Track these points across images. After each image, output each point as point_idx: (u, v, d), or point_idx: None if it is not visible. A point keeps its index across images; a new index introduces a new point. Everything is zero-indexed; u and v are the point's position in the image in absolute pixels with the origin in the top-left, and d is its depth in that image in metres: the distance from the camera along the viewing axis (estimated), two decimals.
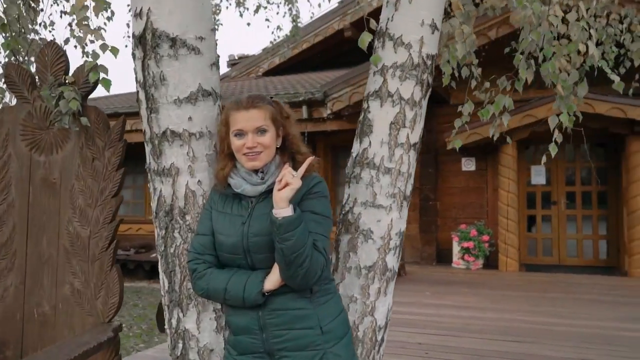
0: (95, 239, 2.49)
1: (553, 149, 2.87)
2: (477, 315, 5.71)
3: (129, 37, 5.77)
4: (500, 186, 8.91)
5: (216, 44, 2.04)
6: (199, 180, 1.95)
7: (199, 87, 1.94)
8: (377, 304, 2.11)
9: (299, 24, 7.03)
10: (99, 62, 2.25)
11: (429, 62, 2.18)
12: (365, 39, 2.27)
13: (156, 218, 2.01)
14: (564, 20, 2.54)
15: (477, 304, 6.30)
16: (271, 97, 1.86)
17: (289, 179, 1.62)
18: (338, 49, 12.79)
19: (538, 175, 9.43)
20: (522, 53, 2.42)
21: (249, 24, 7.23)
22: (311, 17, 12.41)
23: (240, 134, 1.76)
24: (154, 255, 10.59)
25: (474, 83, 2.87)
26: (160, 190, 1.98)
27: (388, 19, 2.19)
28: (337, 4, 12.47)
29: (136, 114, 2.27)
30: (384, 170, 2.14)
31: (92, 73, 2.26)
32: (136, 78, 1.98)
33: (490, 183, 9.81)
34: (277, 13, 7.37)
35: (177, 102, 1.92)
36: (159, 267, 2.07)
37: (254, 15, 6.98)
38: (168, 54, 1.90)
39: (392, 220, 2.14)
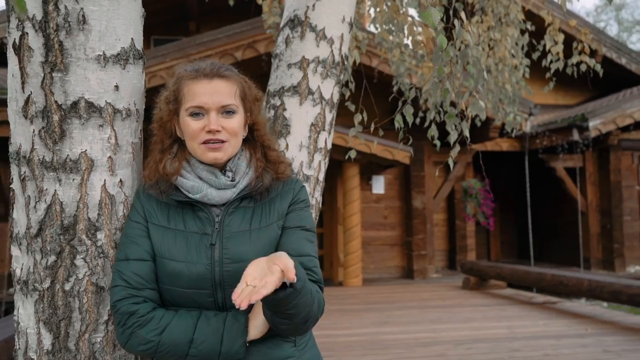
0: None
1: None
2: None
3: None
4: None
5: None
6: (120, 180, 1.33)
7: (131, 44, 1.32)
8: None
9: None
10: None
11: (345, 62, 2.05)
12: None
13: (37, 238, 1.27)
14: None
15: None
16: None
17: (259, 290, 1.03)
18: None
19: None
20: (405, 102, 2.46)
21: None
22: None
23: (198, 112, 1.25)
24: None
25: None
26: (55, 194, 1.26)
27: (308, 7, 1.97)
28: None
29: None
30: (303, 178, 1.90)
31: None
32: (17, 13, 1.21)
33: None
34: None
35: (102, 61, 1.27)
36: (23, 315, 1.31)
37: None
38: None
39: None
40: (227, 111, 1.26)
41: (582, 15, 30.35)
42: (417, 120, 3.41)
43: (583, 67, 3.22)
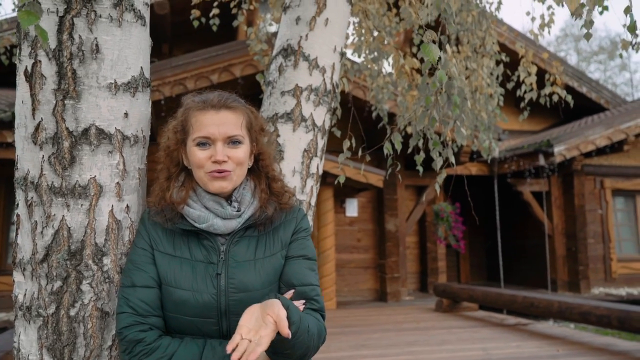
0: None
1: None
2: None
3: None
4: None
5: None
6: (127, 206, 1.35)
7: (141, 72, 1.36)
8: None
9: None
10: None
11: (336, 90, 2.12)
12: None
13: (42, 263, 1.27)
14: None
15: None
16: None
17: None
18: None
19: None
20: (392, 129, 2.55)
21: None
22: None
23: (205, 142, 1.28)
24: None
25: None
26: (63, 220, 1.27)
27: (301, 37, 2.04)
28: None
29: None
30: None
31: None
32: (40, 42, 1.24)
33: None
34: None
35: (113, 89, 1.29)
36: (24, 342, 1.30)
37: None
38: (110, 15, 1.27)
39: None
40: (233, 141, 1.30)
41: (543, 44, 31.58)
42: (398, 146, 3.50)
43: (555, 98, 3.40)
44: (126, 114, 1.32)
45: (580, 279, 10.44)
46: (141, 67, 1.36)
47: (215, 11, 3.61)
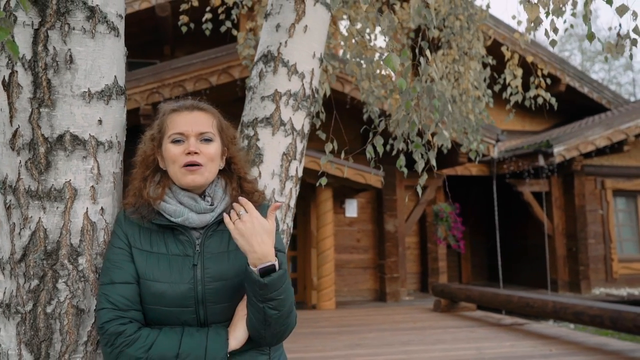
0: None
1: None
2: None
3: None
4: None
5: None
6: (101, 208, 1.41)
7: (114, 81, 1.42)
8: None
9: None
10: None
11: (315, 95, 2.18)
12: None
13: (20, 263, 1.34)
14: None
15: None
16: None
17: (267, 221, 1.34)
18: None
19: None
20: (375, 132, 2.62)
21: None
22: None
23: (180, 139, 1.38)
24: None
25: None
26: (39, 221, 1.33)
27: (280, 43, 2.10)
28: None
29: None
30: None
31: None
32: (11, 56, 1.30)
33: None
34: None
35: (87, 97, 1.36)
36: (4, 338, 1.37)
37: None
38: (83, 27, 1.34)
39: None
40: (205, 139, 1.39)
41: (546, 44, 31.51)
42: (388, 147, 3.56)
43: (540, 100, 3.44)
44: (100, 121, 1.38)
45: (581, 279, 10.45)
46: (115, 76, 1.42)
47: (207, 16, 3.68)
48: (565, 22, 2.49)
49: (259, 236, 1.28)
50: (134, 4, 9.50)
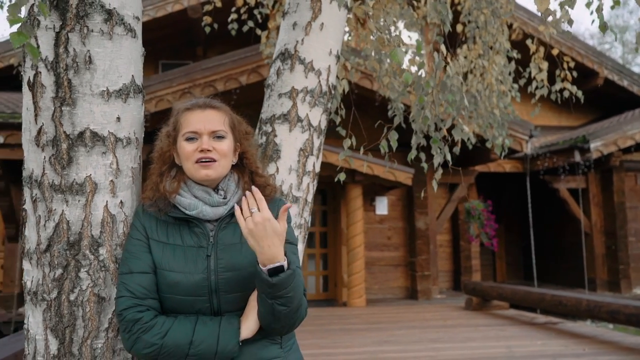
0: None
1: None
2: None
3: None
4: None
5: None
6: (121, 201, 1.48)
7: (132, 80, 1.49)
8: None
9: None
10: None
11: (332, 92, 2.21)
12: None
13: (45, 253, 1.42)
14: None
15: None
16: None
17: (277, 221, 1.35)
18: None
19: None
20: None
21: None
22: None
23: (193, 137, 1.44)
24: None
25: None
26: (62, 214, 1.41)
27: (297, 41, 2.14)
28: None
29: None
30: (292, 199, 2.05)
31: None
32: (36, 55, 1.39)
33: None
34: None
35: (105, 95, 1.43)
36: (32, 323, 1.46)
37: None
38: (101, 29, 1.41)
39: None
40: (217, 136, 1.45)
41: (586, 37, 30.62)
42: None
43: (566, 94, 3.38)
44: (118, 118, 1.45)
45: (621, 279, 10.14)
46: (132, 75, 1.49)
47: (233, 16, 3.75)
48: (591, 13, 2.45)
49: (269, 239, 1.30)
50: (166, 7, 9.73)
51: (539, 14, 2.94)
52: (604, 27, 1.58)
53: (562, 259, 11.51)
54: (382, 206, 9.60)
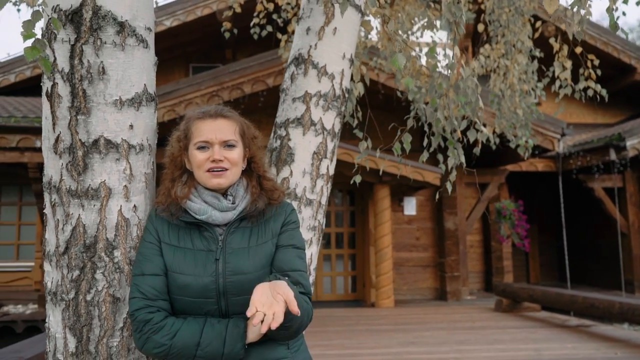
0: None
1: None
2: None
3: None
4: None
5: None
6: (134, 206, 1.54)
7: (144, 89, 1.55)
8: None
9: None
10: None
11: (346, 95, 2.23)
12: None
13: (64, 255, 1.49)
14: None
15: None
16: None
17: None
18: None
19: None
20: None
21: None
22: None
23: (205, 146, 1.48)
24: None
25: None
26: (79, 218, 1.48)
27: (310, 46, 2.17)
28: None
29: None
30: (306, 202, 2.08)
31: None
32: (52, 68, 1.46)
33: None
34: None
35: (118, 104, 1.49)
36: (52, 322, 1.53)
37: None
38: (113, 41, 1.47)
39: (312, 254, 2.08)
40: (228, 145, 1.49)
41: (620, 33, 29.58)
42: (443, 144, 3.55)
43: (590, 93, 3.31)
44: (131, 126, 1.51)
45: None
46: (144, 84, 1.55)
47: (255, 20, 3.81)
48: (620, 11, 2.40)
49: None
50: (196, 11, 9.90)
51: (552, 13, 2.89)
52: (614, 26, 1.55)
53: (598, 260, 11.20)
54: (411, 207, 9.54)
